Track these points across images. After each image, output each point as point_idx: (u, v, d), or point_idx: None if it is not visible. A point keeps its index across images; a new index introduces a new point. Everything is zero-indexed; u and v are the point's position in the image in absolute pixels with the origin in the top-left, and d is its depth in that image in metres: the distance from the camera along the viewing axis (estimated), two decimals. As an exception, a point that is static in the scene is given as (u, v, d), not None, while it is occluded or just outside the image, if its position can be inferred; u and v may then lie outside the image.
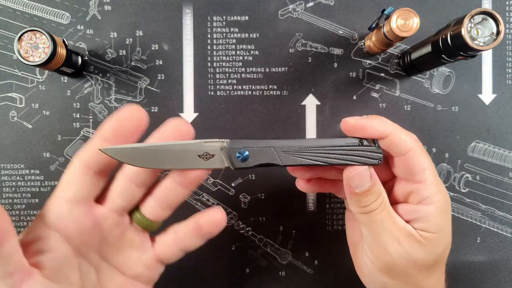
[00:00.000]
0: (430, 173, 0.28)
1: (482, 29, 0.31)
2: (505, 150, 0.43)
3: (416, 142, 0.29)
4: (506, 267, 0.43)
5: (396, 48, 0.43)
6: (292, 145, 0.28)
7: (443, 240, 0.29)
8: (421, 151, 0.29)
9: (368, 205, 0.28)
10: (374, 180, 0.28)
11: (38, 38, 0.36)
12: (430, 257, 0.29)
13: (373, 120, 0.28)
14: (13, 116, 0.42)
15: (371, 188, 0.28)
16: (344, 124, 0.29)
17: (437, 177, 0.29)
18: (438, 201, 0.28)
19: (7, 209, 0.42)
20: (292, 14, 0.43)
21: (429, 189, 0.28)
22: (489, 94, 0.43)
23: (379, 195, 0.28)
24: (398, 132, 0.28)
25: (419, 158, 0.28)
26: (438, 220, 0.28)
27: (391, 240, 0.28)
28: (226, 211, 0.43)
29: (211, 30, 0.43)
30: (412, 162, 0.28)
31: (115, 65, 0.42)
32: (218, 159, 0.27)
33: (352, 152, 0.28)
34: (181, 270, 0.43)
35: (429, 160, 0.29)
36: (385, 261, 0.29)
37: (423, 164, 0.28)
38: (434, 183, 0.28)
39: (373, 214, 0.28)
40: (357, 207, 0.29)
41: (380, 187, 0.29)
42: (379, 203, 0.28)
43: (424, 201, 0.28)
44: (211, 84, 0.43)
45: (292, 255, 0.43)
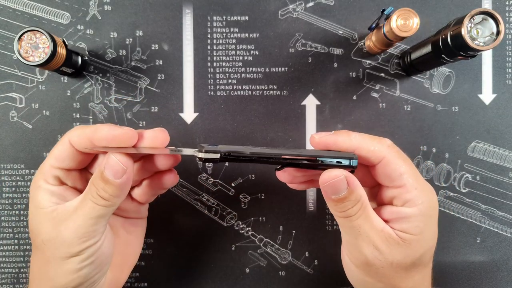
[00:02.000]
0: (409, 176, 0.28)
1: (482, 29, 0.31)
2: (505, 150, 0.43)
3: (389, 148, 0.29)
4: (506, 267, 0.43)
5: (396, 48, 0.43)
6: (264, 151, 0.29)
7: (423, 243, 0.29)
8: (395, 156, 0.29)
9: (345, 211, 0.29)
10: (352, 188, 0.28)
11: (38, 38, 0.36)
12: (408, 260, 0.28)
13: (338, 135, 0.29)
14: (13, 116, 0.42)
15: (348, 196, 0.28)
16: (311, 140, 0.30)
17: (420, 180, 0.29)
18: (421, 203, 0.28)
19: (7, 209, 0.42)
20: (292, 14, 0.43)
21: (410, 192, 0.28)
22: (489, 94, 0.43)
23: (357, 201, 0.28)
24: (365, 144, 0.29)
25: (393, 164, 0.28)
26: (419, 222, 0.28)
27: (366, 243, 0.29)
28: (226, 211, 0.43)
29: (211, 30, 0.43)
30: (387, 169, 0.29)
31: (115, 65, 0.42)
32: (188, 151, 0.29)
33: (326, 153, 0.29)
34: (181, 270, 0.43)
35: (407, 164, 0.29)
36: (361, 260, 0.30)
37: (398, 169, 0.28)
38: (416, 186, 0.28)
39: (351, 219, 0.29)
40: (334, 211, 0.29)
41: (359, 193, 0.28)
42: (356, 209, 0.28)
43: (407, 203, 0.29)
44: (211, 84, 0.43)
45: (292, 255, 0.43)
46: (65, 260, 0.28)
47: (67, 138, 0.30)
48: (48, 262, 0.29)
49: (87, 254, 0.29)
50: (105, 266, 0.31)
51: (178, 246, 0.43)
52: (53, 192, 0.30)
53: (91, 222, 0.28)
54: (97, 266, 0.30)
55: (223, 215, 0.43)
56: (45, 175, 0.30)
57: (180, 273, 0.43)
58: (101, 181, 0.28)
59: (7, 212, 0.42)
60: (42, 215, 0.29)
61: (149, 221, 0.38)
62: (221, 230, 0.43)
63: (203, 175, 0.43)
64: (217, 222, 0.43)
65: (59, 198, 0.30)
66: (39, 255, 0.30)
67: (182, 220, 0.43)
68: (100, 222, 0.29)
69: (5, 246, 0.42)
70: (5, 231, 0.42)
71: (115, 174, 0.28)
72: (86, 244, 0.28)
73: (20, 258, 0.42)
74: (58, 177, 0.31)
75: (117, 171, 0.28)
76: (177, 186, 0.43)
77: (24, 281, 0.42)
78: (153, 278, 0.43)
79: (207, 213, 0.43)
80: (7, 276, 0.42)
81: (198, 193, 0.43)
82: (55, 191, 0.30)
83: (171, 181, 0.33)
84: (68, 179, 0.31)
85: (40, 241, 0.29)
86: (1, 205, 0.42)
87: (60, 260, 0.28)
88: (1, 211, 0.42)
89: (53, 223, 0.29)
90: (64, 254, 0.28)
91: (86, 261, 0.29)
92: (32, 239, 0.30)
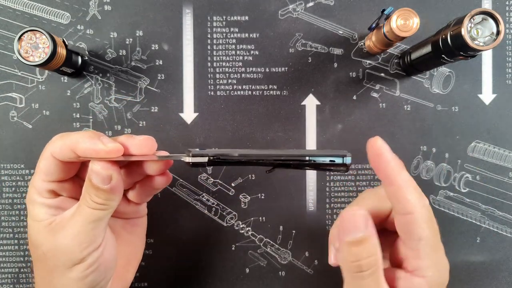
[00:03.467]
0: (427, 244, 0.26)
1: (482, 29, 0.31)
2: (505, 150, 0.43)
3: (422, 208, 0.26)
4: (506, 267, 0.43)
5: (396, 48, 0.43)
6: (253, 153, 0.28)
7: None
8: (424, 218, 0.26)
9: (358, 260, 0.25)
10: (369, 233, 0.26)
11: (38, 38, 0.36)
12: None
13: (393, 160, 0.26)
14: (13, 116, 0.42)
15: (364, 240, 0.25)
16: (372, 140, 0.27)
17: (437, 250, 0.27)
18: (430, 276, 0.26)
19: (7, 209, 0.42)
20: (292, 14, 0.43)
21: (423, 260, 0.26)
22: (489, 94, 0.43)
23: (372, 255, 0.25)
24: (406, 189, 0.26)
25: (417, 225, 0.26)
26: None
27: None
28: (226, 211, 0.43)
29: (211, 30, 0.43)
30: (409, 227, 0.26)
31: (115, 65, 0.42)
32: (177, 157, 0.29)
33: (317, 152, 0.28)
34: (181, 270, 0.43)
35: (431, 230, 0.26)
36: None
37: (420, 233, 0.26)
38: (430, 256, 0.26)
39: (361, 276, 0.26)
40: (346, 261, 0.26)
41: (376, 244, 0.26)
42: (370, 264, 0.25)
43: (416, 271, 0.26)
44: (211, 84, 0.43)
45: (292, 255, 0.43)
46: (68, 269, 0.28)
47: (49, 152, 0.29)
48: (51, 273, 0.29)
49: (90, 260, 0.28)
50: (110, 271, 0.31)
51: (178, 246, 0.43)
52: (50, 205, 0.29)
53: (90, 226, 0.28)
54: (102, 272, 0.30)
55: (223, 215, 0.43)
56: (38, 190, 0.30)
57: (180, 273, 0.43)
58: (92, 188, 0.28)
59: (7, 212, 0.42)
60: (40, 228, 0.29)
61: (149, 221, 0.38)
62: (221, 230, 0.43)
63: (203, 175, 0.43)
64: (217, 222, 0.43)
65: (56, 209, 0.30)
66: (42, 267, 0.29)
67: (182, 220, 0.43)
68: (99, 226, 0.28)
69: (5, 246, 0.42)
70: (5, 231, 0.42)
71: (103, 181, 0.27)
72: (87, 250, 0.28)
73: (20, 258, 0.42)
74: (52, 190, 0.30)
75: (103, 177, 0.27)
76: (177, 186, 0.43)
77: (24, 281, 0.42)
78: (153, 278, 0.43)
79: (207, 213, 0.43)
80: (7, 276, 0.42)
81: (198, 193, 0.43)
82: (51, 203, 0.30)
83: (163, 183, 0.32)
84: (63, 190, 0.31)
85: (41, 253, 0.29)
86: (1, 205, 0.42)
87: (63, 269, 0.28)
88: (1, 211, 0.42)
89: (52, 234, 0.28)
90: (67, 262, 0.28)
91: (90, 268, 0.28)
92: (32, 251, 0.30)
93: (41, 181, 0.30)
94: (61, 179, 0.30)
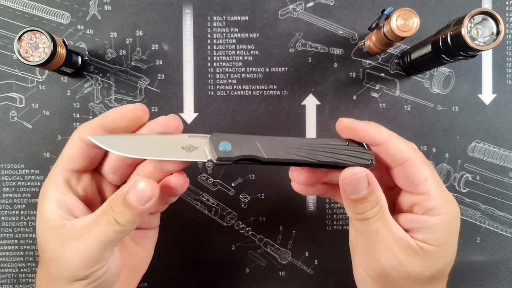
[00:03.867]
0: (433, 183, 0.27)
1: (482, 29, 0.31)
2: (505, 150, 0.43)
3: (415, 152, 0.27)
4: (506, 267, 0.43)
5: (396, 48, 0.43)
6: (277, 141, 0.27)
7: (444, 255, 0.27)
8: (421, 160, 0.27)
9: (363, 212, 0.27)
10: (372, 188, 0.27)
11: (38, 38, 0.36)
12: (427, 272, 0.27)
13: (368, 124, 0.28)
14: (13, 116, 0.42)
15: (368, 196, 0.27)
16: (339, 123, 0.28)
17: (443, 188, 0.27)
18: (445, 212, 0.27)
19: (7, 209, 0.42)
20: (292, 14, 0.43)
21: (434, 199, 0.27)
22: (489, 94, 0.43)
23: (377, 203, 0.27)
24: (393, 141, 0.27)
25: (418, 167, 0.27)
26: (441, 233, 0.27)
27: (384, 250, 0.27)
28: (226, 211, 0.43)
29: (211, 30, 0.43)
30: (411, 172, 0.27)
31: (115, 65, 0.42)
32: (201, 151, 0.28)
33: (341, 151, 0.27)
34: (181, 270, 0.43)
35: (431, 170, 0.27)
36: (376, 271, 0.28)
37: (423, 174, 0.27)
38: (440, 194, 0.27)
39: (368, 222, 0.27)
40: (351, 212, 0.28)
41: (379, 194, 0.27)
42: (375, 211, 0.27)
43: (429, 212, 0.27)
44: (211, 84, 0.43)
45: (292, 255, 0.43)
46: (69, 283, 0.27)
47: (77, 135, 0.29)
48: (52, 281, 0.28)
49: (93, 278, 0.27)
50: (111, 285, 0.30)
51: (178, 246, 0.43)
52: (61, 204, 0.28)
53: (100, 247, 0.26)
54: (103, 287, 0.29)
55: (223, 215, 0.43)
56: (55, 180, 0.29)
57: (180, 273, 0.43)
58: (122, 205, 0.26)
59: (7, 212, 0.42)
60: (49, 229, 0.28)
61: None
62: (221, 230, 0.43)
63: (203, 175, 0.43)
64: (217, 222, 0.43)
65: (66, 211, 0.29)
66: (45, 271, 0.29)
67: (182, 220, 0.43)
68: (110, 247, 0.27)
69: (5, 246, 0.42)
70: (5, 231, 0.42)
71: (140, 200, 0.26)
72: (92, 269, 0.27)
73: (20, 258, 0.42)
74: (69, 182, 0.29)
75: (143, 197, 0.26)
76: (177, 186, 0.43)
77: (24, 281, 0.42)
78: (153, 278, 0.43)
79: (207, 213, 0.43)
80: (7, 276, 0.42)
81: (198, 193, 0.43)
82: (63, 202, 0.28)
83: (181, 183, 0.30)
84: (79, 184, 0.30)
85: (46, 258, 0.28)
86: (1, 205, 0.42)
87: (65, 282, 0.27)
88: (1, 211, 0.42)
89: (60, 242, 0.27)
90: (69, 277, 0.27)
91: (91, 285, 0.28)
92: (40, 252, 0.29)
93: (61, 170, 0.29)
94: (83, 167, 0.29)
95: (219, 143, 0.27)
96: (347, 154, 0.27)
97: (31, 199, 0.42)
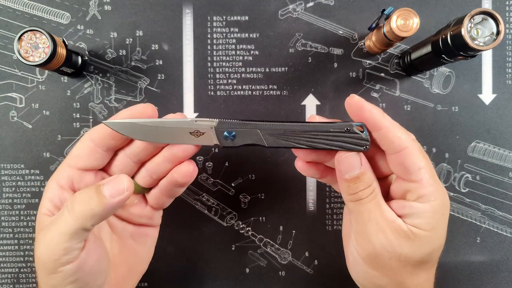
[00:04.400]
0: (426, 172, 0.28)
1: (482, 29, 0.31)
2: (505, 150, 0.43)
3: (412, 142, 0.29)
4: (506, 267, 0.43)
5: (396, 48, 0.43)
6: (278, 128, 0.29)
7: (433, 240, 0.29)
8: (417, 150, 0.28)
9: (356, 192, 0.29)
10: (364, 168, 0.29)
11: (38, 38, 0.36)
12: (417, 255, 0.28)
13: (374, 108, 0.29)
14: (13, 116, 0.42)
15: (361, 176, 0.28)
16: (349, 98, 0.29)
17: (436, 178, 0.29)
18: (434, 200, 0.28)
19: (7, 209, 0.42)
20: (292, 14, 0.43)
21: (426, 188, 0.28)
22: (489, 94, 0.43)
23: (369, 185, 0.29)
24: (394, 128, 0.28)
25: (414, 156, 0.28)
26: (431, 219, 0.28)
27: (375, 231, 0.28)
28: (226, 211, 0.43)
29: (211, 30, 0.43)
30: (407, 161, 0.28)
31: (115, 65, 0.42)
32: (207, 136, 0.30)
33: (338, 138, 0.29)
34: (181, 270, 0.43)
35: (426, 160, 0.29)
36: (368, 251, 0.29)
37: (418, 163, 0.28)
38: (431, 183, 0.28)
39: (361, 202, 0.29)
40: (346, 193, 0.30)
41: (371, 177, 0.29)
42: (368, 192, 0.29)
43: (420, 199, 0.28)
44: (211, 84, 0.43)
45: (292, 255, 0.43)
46: (47, 275, 0.27)
47: (87, 136, 0.30)
48: (38, 274, 0.28)
49: (65, 273, 0.27)
50: (95, 282, 0.30)
51: (178, 246, 0.43)
52: (53, 198, 0.29)
53: (62, 239, 0.26)
54: (84, 284, 0.28)
55: (223, 215, 0.43)
56: (58, 176, 0.30)
57: (180, 273, 0.43)
58: (94, 194, 0.26)
59: (7, 212, 0.42)
60: (37, 221, 0.29)
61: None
62: (221, 230, 0.43)
63: (203, 175, 0.43)
64: (217, 222, 0.43)
65: (55, 208, 0.29)
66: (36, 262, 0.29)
67: (182, 220, 0.43)
68: (73, 239, 0.26)
69: (5, 246, 0.42)
70: (5, 231, 0.42)
71: (112, 191, 0.27)
72: (59, 262, 0.26)
73: (20, 258, 0.42)
74: (71, 179, 0.30)
75: (117, 189, 0.27)
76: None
77: (24, 281, 0.42)
78: (153, 278, 0.43)
79: (207, 213, 0.43)
80: (7, 276, 0.42)
81: (198, 193, 0.43)
82: (56, 196, 0.29)
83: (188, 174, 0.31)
84: (81, 183, 0.30)
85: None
86: (1, 205, 0.42)
87: (44, 274, 0.27)
88: (1, 211, 0.42)
89: (38, 236, 0.28)
90: (45, 270, 0.27)
91: (67, 280, 0.27)
92: None
93: (66, 166, 0.30)
94: (89, 165, 0.30)
95: (223, 131, 0.30)
96: (344, 140, 0.29)
97: (31, 199, 0.42)
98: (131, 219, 0.34)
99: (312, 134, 0.29)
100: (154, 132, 0.29)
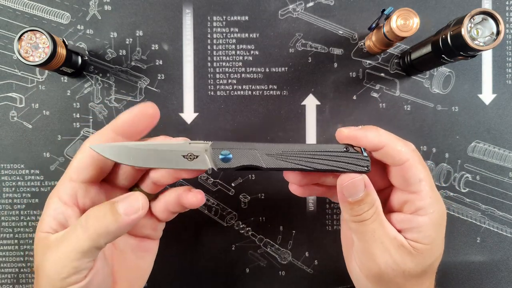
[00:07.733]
0: (426, 184, 0.28)
1: (482, 29, 0.31)
2: (505, 150, 0.43)
3: (413, 152, 0.28)
4: (506, 267, 0.43)
5: (396, 48, 0.43)
6: (276, 149, 0.28)
7: (434, 251, 0.29)
8: (418, 161, 0.28)
9: (360, 214, 0.28)
10: (368, 190, 0.28)
11: (38, 38, 0.36)
12: (419, 268, 0.28)
13: (367, 131, 0.28)
14: (13, 116, 0.42)
15: (364, 198, 0.28)
16: (339, 133, 0.29)
17: (434, 189, 0.29)
18: (432, 212, 0.28)
19: (7, 209, 0.42)
20: (292, 14, 0.43)
21: (424, 200, 0.28)
22: (489, 94, 0.43)
23: (372, 205, 0.28)
24: (393, 143, 0.28)
25: (415, 168, 0.28)
26: (430, 231, 0.28)
27: (380, 250, 0.28)
28: (226, 211, 0.43)
29: (211, 30, 0.43)
30: (408, 173, 0.28)
31: (115, 65, 0.42)
32: (201, 159, 0.28)
33: (338, 158, 0.28)
34: (181, 270, 0.43)
35: (426, 171, 0.29)
36: (373, 271, 0.29)
37: (418, 175, 0.28)
38: (430, 195, 0.28)
39: (365, 223, 0.28)
40: (349, 215, 0.29)
41: (374, 197, 0.29)
42: (371, 213, 0.28)
43: (419, 211, 0.28)
44: (211, 84, 0.43)
45: (292, 255, 0.43)
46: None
47: (87, 144, 0.28)
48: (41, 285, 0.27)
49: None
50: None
51: (178, 246, 0.43)
52: (57, 215, 0.28)
53: (74, 257, 0.25)
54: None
55: (223, 215, 0.43)
56: (60, 191, 0.28)
57: (180, 273, 0.43)
58: (109, 211, 0.26)
59: (7, 212, 0.42)
60: (38, 239, 0.28)
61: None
62: (221, 230, 0.43)
63: (203, 175, 0.43)
64: (217, 222, 0.43)
65: (59, 223, 0.28)
66: (35, 281, 0.28)
67: (182, 220, 0.43)
68: (85, 258, 0.26)
69: (5, 246, 0.42)
70: (5, 231, 0.42)
71: (128, 210, 0.26)
72: (67, 282, 0.26)
73: (20, 258, 0.42)
74: (75, 194, 0.28)
75: (132, 207, 0.26)
76: (176, 186, 0.43)
77: (24, 281, 0.42)
78: (153, 278, 0.43)
79: (207, 213, 0.43)
80: (7, 276, 0.42)
81: (198, 193, 0.43)
82: (60, 213, 0.28)
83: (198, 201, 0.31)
84: (86, 197, 0.29)
85: (35, 267, 0.28)
86: (1, 205, 0.42)
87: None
88: (1, 211, 0.42)
89: (42, 251, 0.27)
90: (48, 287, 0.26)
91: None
92: None
93: (68, 180, 0.28)
94: (93, 178, 0.29)
95: (219, 152, 0.28)
96: (344, 161, 0.28)
97: (31, 199, 0.42)
98: (134, 230, 0.33)
99: (311, 154, 0.28)
100: (143, 155, 0.28)
